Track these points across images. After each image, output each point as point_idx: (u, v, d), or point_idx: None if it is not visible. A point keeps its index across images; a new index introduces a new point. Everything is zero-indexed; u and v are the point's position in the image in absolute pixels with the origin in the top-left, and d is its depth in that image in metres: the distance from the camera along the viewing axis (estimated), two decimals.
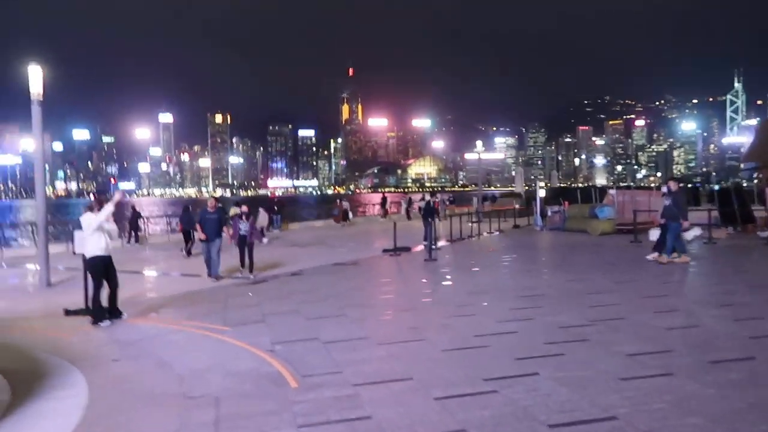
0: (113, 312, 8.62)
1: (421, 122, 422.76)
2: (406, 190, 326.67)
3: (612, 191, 22.98)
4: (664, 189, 13.05)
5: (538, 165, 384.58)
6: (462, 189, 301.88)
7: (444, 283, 11.30)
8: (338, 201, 32.36)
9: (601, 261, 13.60)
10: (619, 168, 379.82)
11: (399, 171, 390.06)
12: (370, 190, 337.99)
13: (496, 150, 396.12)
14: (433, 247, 16.10)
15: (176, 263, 16.06)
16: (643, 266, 12.56)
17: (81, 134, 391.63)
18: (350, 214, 32.75)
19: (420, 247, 17.93)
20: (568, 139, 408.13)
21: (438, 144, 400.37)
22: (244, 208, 13.49)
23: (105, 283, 8.49)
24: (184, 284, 12.18)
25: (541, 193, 26.96)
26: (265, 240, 20.56)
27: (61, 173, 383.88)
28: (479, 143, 45.41)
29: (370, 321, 7.88)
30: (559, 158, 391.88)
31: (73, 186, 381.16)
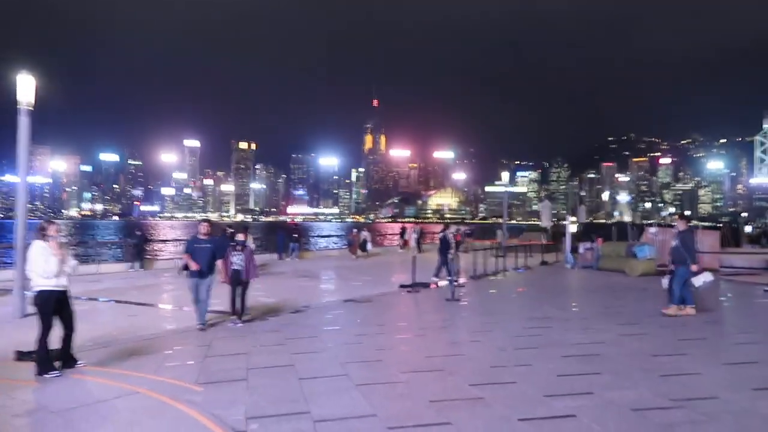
0: (66, 359, 7.01)
1: (443, 154, 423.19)
2: (425, 220, 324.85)
3: (652, 229, 21.03)
4: (675, 228, 11.23)
5: (561, 200, 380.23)
6: (482, 222, 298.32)
7: (472, 336, 9.35)
8: (354, 230, 30.27)
9: (653, 309, 11.69)
10: (647, 205, 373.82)
11: (419, 202, 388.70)
12: (390, 220, 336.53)
13: (518, 184, 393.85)
14: (455, 282, 14.32)
15: (179, 293, 14.49)
16: (705, 319, 10.68)
17: (109, 157, 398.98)
18: (369, 245, 30.87)
19: (441, 283, 16.19)
20: (591, 175, 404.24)
21: (459, 176, 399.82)
22: (240, 236, 10.71)
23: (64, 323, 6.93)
24: (174, 320, 10.58)
25: (572, 228, 25.07)
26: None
27: (87, 194, 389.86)
28: (505, 175, 43.69)
29: (380, 389, 6.14)
30: (583, 194, 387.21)
31: (98, 207, 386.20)
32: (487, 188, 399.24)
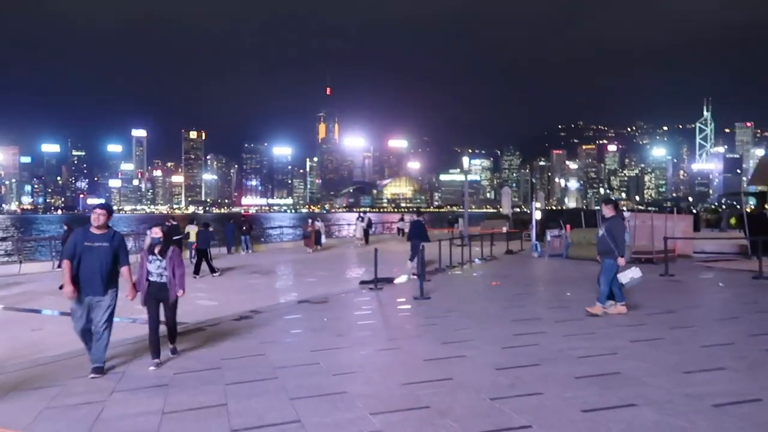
0: None
1: (398, 143, 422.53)
2: (381, 210, 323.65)
3: (626, 214, 19.96)
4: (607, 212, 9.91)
5: (513, 188, 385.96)
6: (437, 210, 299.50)
7: (456, 349, 7.35)
8: (310, 220, 28.07)
9: (659, 303, 10.31)
10: (599, 192, 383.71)
11: (375, 191, 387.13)
12: (345, 210, 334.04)
13: (471, 172, 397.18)
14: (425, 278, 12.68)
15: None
16: (710, 313, 9.40)
17: (51, 148, 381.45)
18: (323, 237, 28.87)
19: (403, 278, 14.54)
20: (542, 163, 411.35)
21: (414, 165, 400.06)
22: (155, 231, 7.12)
23: None
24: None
25: (537, 215, 23.87)
26: (216, 273, 16.41)
27: (28, 187, 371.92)
28: (465, 160, 42.53)
29: None
30: (533, 181, 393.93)
31: (40, 200, 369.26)
32: (442, 176, 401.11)
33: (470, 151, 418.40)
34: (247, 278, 15.84)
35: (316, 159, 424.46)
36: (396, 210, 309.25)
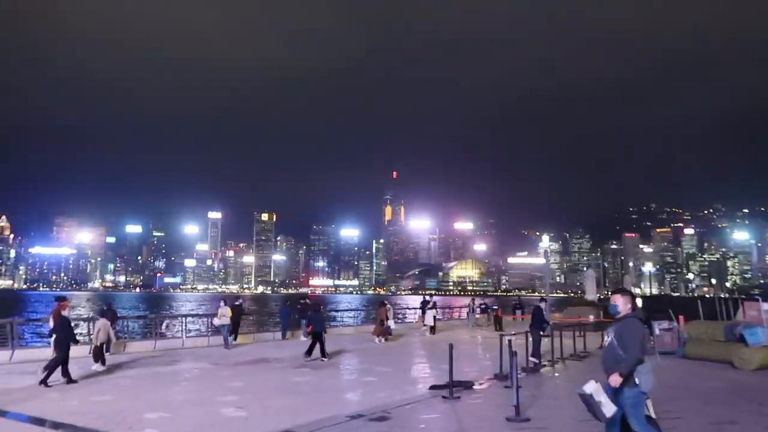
0: None
1: (463, 225, 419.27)
2: (447, 292, 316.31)
3: (765, 305, 16.22)
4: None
5: (584, 271, 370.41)
6: (505, 294, 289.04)
7: None
8: (382, 304, 23.91)
9: None
10: (677, 277, 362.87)
11: (440, 273, 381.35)
12: (410, 292, 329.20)
13: (539, 255, 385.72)
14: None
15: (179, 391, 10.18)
16: None
17: (133, 228, 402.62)
18: (391, 322, 24.41)
19: (487, 384, 11.69)
20: (614, 246, 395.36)
21: (480, 247, 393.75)
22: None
23: None
24: None
25: (638, 302, 20.41)
26: (326, 359, 15.77)
27: (111, 266, 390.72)
28: (545, 239, 39.23)
29: None
30: (605, 265, 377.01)
31: (121, 278, 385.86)
32: (510, 260, 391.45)
33: (537, 233, 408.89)
34: (293, 374, 13.40)
35: (382, 241, 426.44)
36: (462, 293, 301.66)
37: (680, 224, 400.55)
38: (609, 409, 5.73)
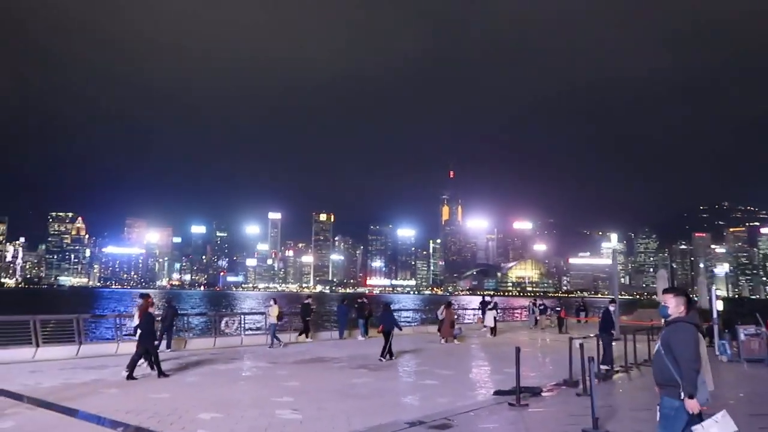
0: None
1: (522, 225, 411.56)
2: (506, 293, 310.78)
3: None
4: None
5: (650, 273, 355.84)
6: (566, 295, 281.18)
7: None
8: (450, 306, 23.20)
9: None
10: (753, 279, 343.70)
11: (499, 274, 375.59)
12: (468, 292, 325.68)
13: (602, 255, 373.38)
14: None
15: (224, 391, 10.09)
16: None
17: (198, 229, 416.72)
18: (460, 329, 23.76)
19: (555, 391, 10.93)
20: (683, 246, 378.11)
21: (540, 247, 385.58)
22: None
23: None
24: None
25: (719, 305, 19.03)
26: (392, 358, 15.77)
27: (177, 265, 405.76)
28: (613, 237, 37.45)
29: None
30: (674, 266, 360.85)
31: (187, 277, 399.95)
32: (572, 260, 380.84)
33: (600, 233, 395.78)
34: (351, 375, 13.03)
35: (439, 241, 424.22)
36: (521, 294, 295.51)
37: (756, 223, 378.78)
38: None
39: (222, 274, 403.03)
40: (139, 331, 12.52)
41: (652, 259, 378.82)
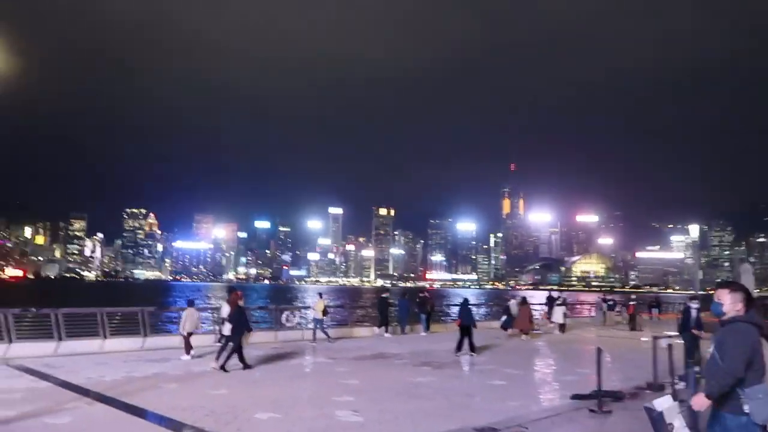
0: None
1: (587, 218, 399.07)
2: (570, 288, 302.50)
3: None
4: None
5: (725, 267, 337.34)
6: (634, 290, 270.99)
7: None
8: (521, 301, 22.25)
9: None
10: None
11: (562, 268, 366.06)
12: (531, 287, 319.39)
13: (672, 249, 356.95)
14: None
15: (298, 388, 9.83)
16: None
17: (262, 224, 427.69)
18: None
19: (639, 396, 9.96)
20: (761, 239, 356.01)
21: (606, 241, 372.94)
22: None
23: None
24: None
25: None
26: (474, 354, 15.44)
27: (243, 259, 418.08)
28: (693, 228, 35.08)
29: None
30: (751, 260, 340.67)
31: (252, 271, 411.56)
32: (639, 254, 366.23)
33: (670, 226, 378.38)
34: (413, 372, 12.45)
35: (500, 234, 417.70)
36: (586, 289, 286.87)
37: None
38: None
39: (285, 268, 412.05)
40: (229, 324, 12.53)
41: (727, 252, 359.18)
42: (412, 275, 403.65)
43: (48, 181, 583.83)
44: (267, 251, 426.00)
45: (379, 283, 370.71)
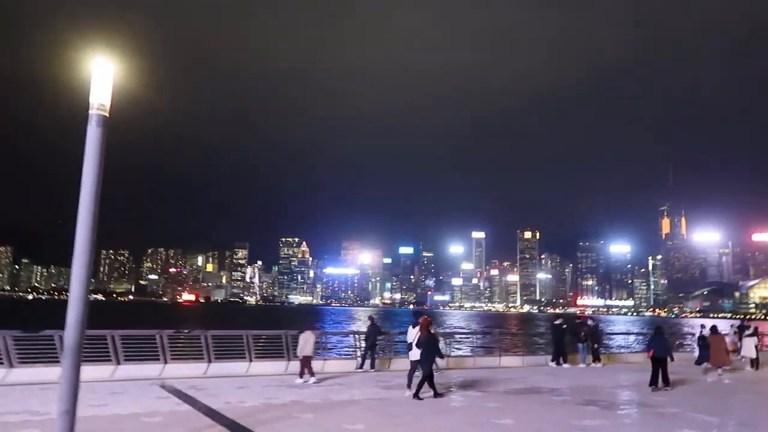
0: None
1: (765, 236, 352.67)
2: (746, 316, 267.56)
3: None
4: None
5: None
6: None
7: None
8: (712, 330, 18.31)
9: None
10: None
11: (737, 293, 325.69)
12: (698, 315, 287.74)
13: None
14: None
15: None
16: None
17: (406, 250, 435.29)
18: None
19: None
20: None
21: None
22: None
23: None
24: None
25: None
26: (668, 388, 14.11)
27: (388, 284, 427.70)
28: None
29: None
30: None
31: (397, 296, 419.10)
32: None
33: None
34: (578, 413, 10.60)
35: (659, 257, 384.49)
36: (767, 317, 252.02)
37: None
38: None
39: (429, 293, 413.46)
40: (417, 350, 12.20)
41: None
42: (561, 300, 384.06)
43: (216, 213, 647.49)
44: (411, 276, 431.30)
45: (526, 308, 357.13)
